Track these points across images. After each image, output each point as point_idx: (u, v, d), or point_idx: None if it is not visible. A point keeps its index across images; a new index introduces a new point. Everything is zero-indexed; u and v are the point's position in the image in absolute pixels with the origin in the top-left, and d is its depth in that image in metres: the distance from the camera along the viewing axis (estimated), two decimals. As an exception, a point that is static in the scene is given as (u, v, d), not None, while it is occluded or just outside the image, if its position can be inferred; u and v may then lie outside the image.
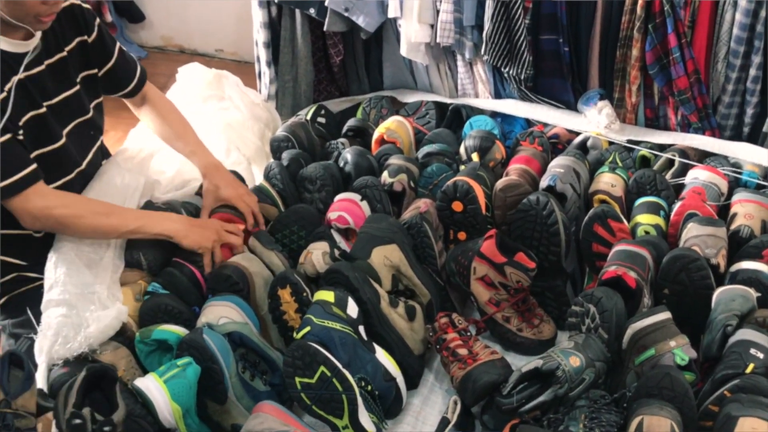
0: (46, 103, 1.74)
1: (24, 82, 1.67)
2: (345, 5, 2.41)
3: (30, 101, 1.69)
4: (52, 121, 1.75)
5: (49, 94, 1.75)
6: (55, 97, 1.77)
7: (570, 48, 2.28)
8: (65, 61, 1.78)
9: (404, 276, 1.83)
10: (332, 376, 1.51)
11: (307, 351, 1.52)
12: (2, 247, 1.71)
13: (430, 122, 2.49)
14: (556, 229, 1.84)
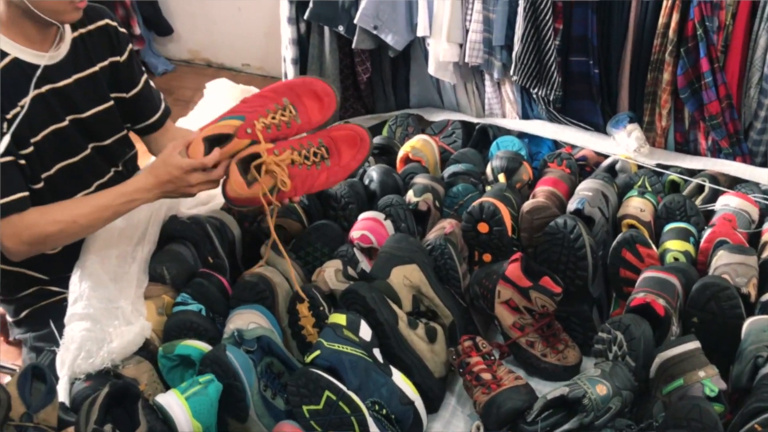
0: (71, 117, 1.74)
1: (45, 95, 1.67)
2: (374, 23, 2.41)
3: (51, 114, 1.70)
4: (76, 134, 1.76)
5: (76, 108, 1.75)
6: (85, 111, 1.77)
7: (600, 70, 2.26)
8: (97, 76, 1.78)
9: (425, 297, 1.81)
10: (338, 400, 1.49)
11: (310, 378, 1.51)
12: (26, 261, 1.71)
13: (457, 141, 2.48)
14: (583, 254, 1.81)
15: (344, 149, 1.78)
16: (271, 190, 1.70)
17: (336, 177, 1.79)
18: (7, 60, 1.61)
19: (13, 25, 1.61)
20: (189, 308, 1.72)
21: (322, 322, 1.70)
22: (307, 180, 1.74)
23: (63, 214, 1.62)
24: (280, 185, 1.69)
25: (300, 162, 1.73)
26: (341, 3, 2.50)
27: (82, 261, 1.72)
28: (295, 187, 1.73)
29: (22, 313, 1.83)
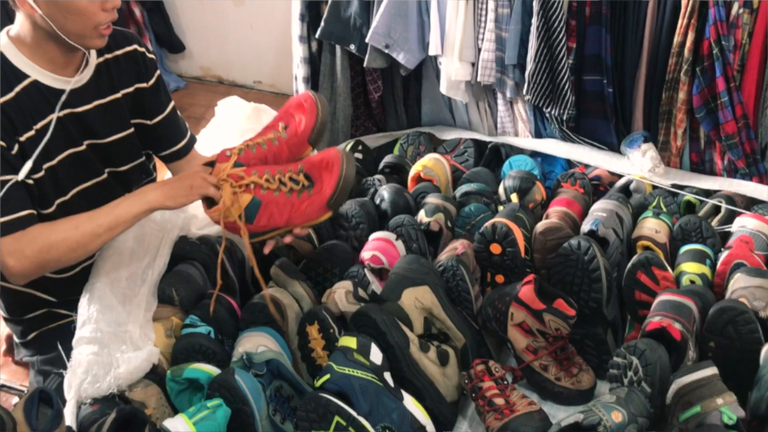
0: (88, 142, 1.73)
1: (63, 120, 1.66)
2: (385, 42, 2.40)
3: (68, 139, 1.69)
4: (93, 159, 1.75)
5: (95, 134, 1.74)
6: (104, 138, 1.76)
7: (614, 89, 2.24)
8: (118, 103, 1.77)
9: (437, 319, 1.78)
10: (348, 425, 1.47)
11: (320, 402, 1.48)
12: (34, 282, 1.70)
13: (468, 160, 2.46)
14: (597, 275, 1.78)
15: (325, 176, 1.67)
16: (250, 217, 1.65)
17: (316, 208, 1.66)
18: (27, 82, 1.60)
19: (38, 48, 1.60)
20: (198, 330, 1.70)
21: (332, 345, 1.68)
22: (285, 209, 1.66)
23: (65, 223, 1.59)
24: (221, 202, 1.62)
25: (274, 188, 1.65)
26: (353, 22, 2.50)
27: (91, 283, 1.71)
28: (270, 215, 1.65)
29: (30, 335, 1.82)
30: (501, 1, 2.26)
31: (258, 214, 1.65)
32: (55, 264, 1.59)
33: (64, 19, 1.53)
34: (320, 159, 1.67)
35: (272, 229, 1.68)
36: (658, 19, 2.13)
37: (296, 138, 1.72)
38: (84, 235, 1.57)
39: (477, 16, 2.34)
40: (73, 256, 1.60)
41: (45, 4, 1.51)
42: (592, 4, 2.17)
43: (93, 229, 1.57)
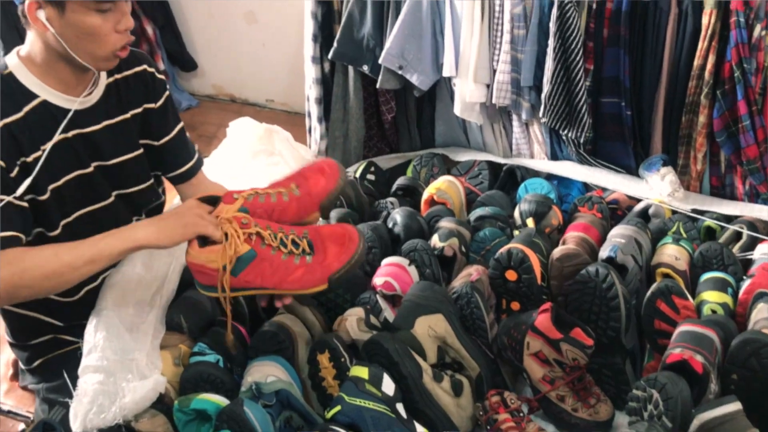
0: (96, 163, 1.70)
1: (71, 140, 1.64)
2: (399, 63, 2.37)
3: (76, 160, 1.66)
4: (100, 181, 1.72)
5: (103, 155, 1.71)
6: (111, 159, 1.73)
7: (632, 112, 2.21)
8: (127, 123, 1.75)
9: (451, 347, 1.75)
10: (359, 459, 1.43)
11: (330, 437, 1.45)
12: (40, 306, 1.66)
13: (483, 183, 2.43)
14: (616, 304, 1.74)
15: (330, 247, 1.57)
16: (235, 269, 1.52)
17: (312, 277, 1.55)
18: (36, 102, 1.58)
19: (48, 68, 1.58)
20: (206, 359, 1.67)
21: (343, 374, 1.65)
22: (279, 271, 1.53)
23: (46, 250, 1.49)
24: (224, 245, 1.49)
25: (274, 245, 1.53)
26: (366, 42, 2.48)
27: (98, 309, 1.67)
28: (261, 272, 1.53)
29: (35, 361, 1.80)
30: (517, 22, 2.23)
31: (247, 269, 1.52)
32: (28, 291, 1.47)
33: (76, 39, 1.52)
34: (332, 231, 1.60)
35: (254, 287, 1.56)
36: (678, 41, 2.11)
37: (309, 198, 1.65)
38: (62, 264, 1.45)
39: (492, 37, 2.32)
40: (47, 284, 1.47)
41: (58, 24, 1.50)
42: (611, 25, 2.14)
43: (72, 260, 1.46)
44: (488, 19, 2.30)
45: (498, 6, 2.27)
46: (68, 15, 1.48)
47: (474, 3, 2.28)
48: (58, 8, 1.48)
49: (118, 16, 1.53)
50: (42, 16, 1.49)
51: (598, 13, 2.15)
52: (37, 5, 1.48)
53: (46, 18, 1.49)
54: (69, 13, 1.48)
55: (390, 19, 2.42)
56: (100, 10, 1.49)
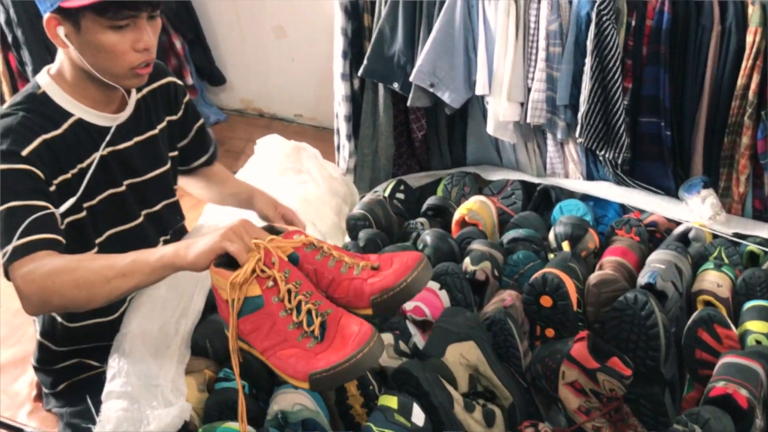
0: (128, 182, 1.69)
1: (106, 158, 1.62)
2: (430, 81, 2.34)
3: (110, 178, 1.65)
4: (132, 200, 1.70)
5: (134, 172, 1.70)
6: (142, 175, 1.72)
7: (672, 132, 2.16)
8: (155, 139, 1.73)
9: (483, 376, 1.70)
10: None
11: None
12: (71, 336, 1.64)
13: (516, 203, 2.37)
14: (655, 332, 1.68)
15: (336, 341, 1.28)
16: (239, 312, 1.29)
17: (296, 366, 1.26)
18: (72, 121, 1.57)
19: (78, 86, 1.57)
20: (231, 385, 1.63)
21: (371, 402, 1.60)
22: (274, 338, 1.29)
23: (80, 257, 1.44)
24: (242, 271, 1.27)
25: (287, 307, 1.28)
26: (396, 59, 2.44)
27: (122, 333, 1.64)
28: (257, 328, 1.29)
29: (59, 386, 1.78)
30: (552, 39, 2.19)
31: (248, 316, 1.30)
32: (59, 298, 1.38)
33: (94, 57, 1.49)
34: (348, 323, 1.30)
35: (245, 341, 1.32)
36: (721, 60, 2.06)
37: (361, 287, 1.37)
38: (93, 273, 1.37)
39: (527, 55, 2.28)
40: (78, 294, 1.37)
41: (76, 41, 1.48)
42: (650, 43, 2.09)
43: (104, 270, 1.37)
44: (523, 37, 2.26)
45: (533, 23, 2.23)
46: (84, 32, 1.46)
47: (508, 20, 2.24)
48: (74, 25, 1.46)
49: (136, 34, 1.48)
50: (61, 33, 1.47)
51: (637, 30, 2.11)
52: (56, 22, 1.47)
53: (65, 35, 1.47)
54: (84, 29, 1.45)
55: (422, 35, 2.39)
56: (115, 27, 1.46)
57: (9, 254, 1.40)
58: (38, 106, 1.54)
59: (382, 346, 1.28)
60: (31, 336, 2.44)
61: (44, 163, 1.50)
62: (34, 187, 1.47)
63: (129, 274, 1.36)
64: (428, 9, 2.38)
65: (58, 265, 1.38)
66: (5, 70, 3.49)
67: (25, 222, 1.42)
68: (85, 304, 1.41)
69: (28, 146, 1.48)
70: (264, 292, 1.28)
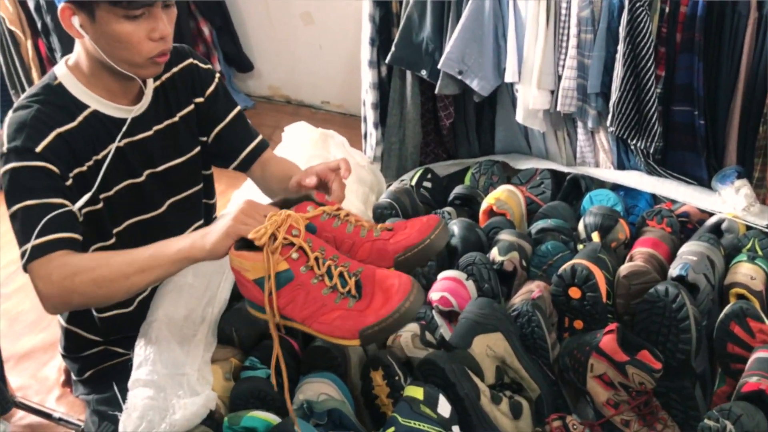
0: (148, 172, 1.68)
1: (123, 149, 1.62)
2: (459, 68, 2.31)
3: (127, 169, 1.64)
4: (152, 190, 1.70)
5: (153, 162, 1.69)
6: (159, 165, 1.71)
7: (706, 121, 2.11)
8: (175, 127, 1.72)
9: (510, 368, 1.68)
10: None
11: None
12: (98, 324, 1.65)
13: (545, 192, 2.34)
14: (686, 326, 1.65)
15: (377, 295, 1.32)
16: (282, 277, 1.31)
17: (344, 326, 1.31)
18: (87, 112, 1.57)
19: (94, 77, 1.57)
20: (257, 373, 1.63)
21: (397, 393, 1.59)
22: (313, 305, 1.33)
23: (99, 255, 1.48)
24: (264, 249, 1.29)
25: (318, 273, 1.32)
26: (425, 47, 2.42)
27: (148, 321, 1.65)
28: (292, 300, 1.33)
29: (86, 373, 1.80)
30: (584, 27, 2.15)
31: (281, 291, 1.33)
32: (79, 297, 1.42)
33: (110, 47, 1.48)
34: (386, 277, 1.34)
35: (282, 315, 1.36)
36: (757, 48, 2.00)
37: (384, 247, 1.44)
38: (112, 271, 1.40)
39: (558, 42, 2.24)
40: (99, 292, 1.42)
41: (91, 31, 1.47)
42: (684, 30, 2.04)
43: (123, 267, 1.41)
44: (554, 23, 2.22)
45: (564, 9, 2.18)
46: (99, 22, 1.45)
47: (539, 6, 2.20)
48: (89, 15, 1.44)
49: (152, 23, 1.48)
50: (76, 23, 1.46)
51: (671, 17, 2.06)
52: (70, 12, 1.46)
53: (80, 25, 1.46)
54: (99, 19, 1.44)
55: (450, 22, 2.36)
56: (129, 17, 1.44)
57: (28, 254, 1.42)
58: (54, 98, 1.54)
59: (422, 293, 1.34)
60: (60, 321, 2.47)
61: (59, 157, 1.49)
62: (50, 184, 1.48)
63: (147, 270, 1.40)
64: (457, -5, 2.35)
65: (77, 265, 1.40)
66: (35, 56, 3.52)
67: (42, 221, 1.43)
68: (105, 301, 1.46)
69: (42, 141, 1.48)
70: (291, 264, 1.31)
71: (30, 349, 2.51)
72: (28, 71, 3.57)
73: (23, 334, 2.57)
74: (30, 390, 2.32)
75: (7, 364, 2.25)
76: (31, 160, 1.46)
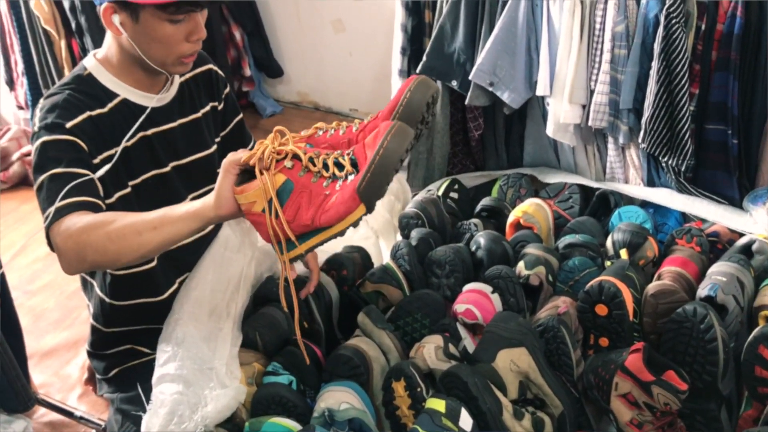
0: (173, 164, 1.72)
1: (150, 138, 1.67)
2: (490, 80, 2.30)
3: (154, 158, 1.68)
4: (177, 182, 1.73)
5: (178, 154, 1.74)
6: (184, 158, 1.75)
7: (739, 140, 2.08)
8: (199, 122, 1.77)
9: (533, 384, 1.66)
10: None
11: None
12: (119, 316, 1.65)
13: (573, 207, 2.32)
14: (714, 347, 1.63)
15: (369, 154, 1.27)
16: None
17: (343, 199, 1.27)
18: (117, 100, 1.63)
19: (124, 69, 1.63)
20: (279, 379, 1.64)
21: (418, 404, 1.58)
22: (316, 201, 1.30)
23: (113, 213, 1.46)
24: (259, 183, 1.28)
25: (314, 170, 1.30)
26: (456, 57, 2.42)
27: (174, 319, 1.65)
28: (298, 207, 1.31)
29: (112, 371, 1.81)
30: (618, 41, 2.13)
31: (285, 205, 1.31)
32: (93, 253, 1.41)
33: (147, 45, 1.54)
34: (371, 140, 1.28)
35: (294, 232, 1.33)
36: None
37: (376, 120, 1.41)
38: (125, 226, 1.40)
39: (591, 56, 2.23)
40: (111, 247, 1.40)
41: (131, 29, 1.53)
42: (720, 48, 2.02)
43: (136, 223, 1.40)
44: (587, 38, 2.21)
45: (599, 24, 2.17)
46: (142, 22, 1.51)
47: (573, 20, 2.19)
48: (132, 15, 1.50)
49: (191, 26, 1.54)
50: (117, 21, 1.52)
51: (707, 34, 2.04)
52: (112, 10, 1.51)
53: (120, 23, 1.52)
54: (143, 20, 1.50)
55: (483, 34, 2.36)
56: (173, 21, 1.51)
57: (51, 216, 1.44)
58: (85, 87, 1.60)
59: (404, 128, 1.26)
60: (84, 319, 2.48)
61: (89, 137, 1.54)
62: (77, 156, 1.52)
63: (159, 226, 1.40)
64: (491, 7, 2.34)
65: (94, 219, 1.42)
66: (68, 56, 3.56)
67: (66, 187, 1.46)
68: (116, 258, 1.43)
69: (73, 120, 1.53)
70: (288, 174, 1.31)
71: (54, 347, 2.52)
72: (60, 71, 3.61)
73: (47, 332, 2.59)
74: (52, 387, 2.33)
75: (30, 360, 2.26)
76: (61, 134, 1.51)
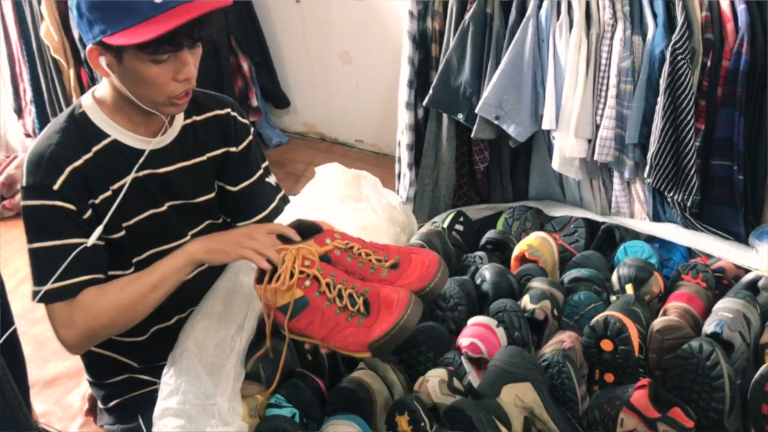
0: (170, 203, 1.70)
1: (143, 180, 1.63)
2: (496, 113, 2.31)
3: (149, 199, 1.66)
4: (176, 220, 1.72)
5: (177, 195, 1.71)
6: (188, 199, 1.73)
7: (745, 176, 2.08)
8: (203, 165, 1.74)
9: (538, 419, 1.65)
10: None
11: None
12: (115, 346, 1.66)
13: (579, 241, 2.31)
14: (720, 384, 1.62)
15: (382, 311, 1.49)
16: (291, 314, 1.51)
17: (355, 341, 1.48)
18: (106, 141, 1.60)
19: (118, 109, 1.60)
20: (282, 412, 1.62)
21: (422, 440, 1.57)
22: (329, 324, 1.50)
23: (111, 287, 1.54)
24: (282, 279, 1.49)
25: (330, 297, 1.50)
26: (462, 90, 2.42)
27: (179, 351, 1.64)
28: (310, 322, 1.51)
29: (111, 402, 1.79)
30: (624, 77, 2.14)
31: (299, 316, 1.52)
32: (105, 331, 1.53)
33: (135, 86, 1.51)
34: (387, 295, 1.50)
35: (306, 335, 1.54)
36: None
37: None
38: (129, 296, 1.51)
39: (596, 91, 2.23)
40: (123, 319, 1.53)
41: (117, 70, 1.50)
42: (726, 84, 2.03)
43: (138, 289, 1.52)
44: (593, 73, 2.22)
45: (605, 59, 2.18)
46: (126, 64, 1.48)
47: (579, 55, 2.20)
48: (116, 57, 1.48)
49: (178, 65, 1.50)
50: (103, 63, 1.50)
51: (712, 70, 2.04)
52: (97, 52, 1.49)
53: (107, 64, 1.50)
54: (126, 62, 1.47)
55: (489, 68, 2.37)
56: (156, 61, 1.47)
57: (44, 296, 1.49)
58: (75, 127, 1.58)
59: (420, 304, 1.50)
60: (86, 348, 2.46)
61: (76, 192, 1.53)
62: (68, 223, 1.52)
63: (160, 284, 1.55)
64: (497, 41, 2.36)
65: (98, 305, 1.51)
66: (77, 85, 3.59)
67: (59, 264, 1.49)
68: (130, 323, 1.55)
69: (59, 178, 1.52)
70: (305, 292, 1.50)
71: (56, 376, 2.51)
72: (69, 99, 3.63)
73: (50, 360, 2.58)
74: (53, 417, 2.31)
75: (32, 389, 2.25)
76: (49, 198, 1.50)
